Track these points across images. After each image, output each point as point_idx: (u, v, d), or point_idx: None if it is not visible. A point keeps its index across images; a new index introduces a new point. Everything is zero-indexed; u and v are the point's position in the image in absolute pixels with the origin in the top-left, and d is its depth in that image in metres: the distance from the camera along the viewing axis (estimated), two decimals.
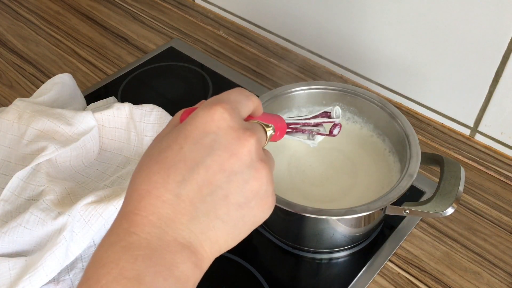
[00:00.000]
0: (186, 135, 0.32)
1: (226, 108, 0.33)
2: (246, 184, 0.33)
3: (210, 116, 0.32)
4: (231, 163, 0.32)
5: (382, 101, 0.69)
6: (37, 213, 0.64)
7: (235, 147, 0.32)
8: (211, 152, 0.31)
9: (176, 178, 0.31)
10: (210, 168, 0.31)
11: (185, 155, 0.31)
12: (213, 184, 0.32)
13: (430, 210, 0.57)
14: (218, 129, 0.32)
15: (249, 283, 0.63)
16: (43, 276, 0.58)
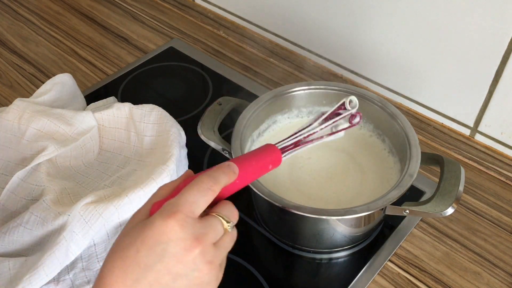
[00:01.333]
0: (143, 240, 0.38)
1: (178, 219, 0.38)
2: (189, 282, 0.38)
3: (163, 228, 0.37)
4: (177, 268, 0.38)
5: (382, 101, 0.69)
6: (37, 213, 0.64)
7: (181, 256, 0.38)
8: (161, 259, 0.37)
9: (132, 276, 0.37)
10: (159, 272, 0.37)
11: (140, 259, 0.37)
12: (161, 284, 0.38)
13: (430, 210, 0.57)
14: (169, 240, 0.37)
15: (249, 283, 0.63)
16: (43, 276, 0.58)
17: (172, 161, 0.68)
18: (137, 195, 0.63)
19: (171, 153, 0.69)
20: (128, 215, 0.63)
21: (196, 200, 0.39)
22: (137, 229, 0.39)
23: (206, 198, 0.40)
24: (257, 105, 0.69)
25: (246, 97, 0.72)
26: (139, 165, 0.72)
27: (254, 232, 0.69)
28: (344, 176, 0.66)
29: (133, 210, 0.63)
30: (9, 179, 0.67)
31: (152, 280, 0.37)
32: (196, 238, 0.38)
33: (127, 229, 0.40)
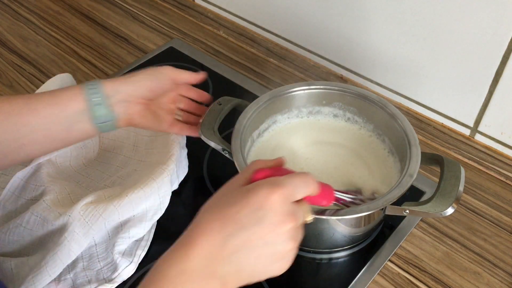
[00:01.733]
0: (247, 202, 0.42)
1: (282, 194, 0.42)
2: (275, 253, 0.43)
3: (268, 197, 0.42)
4: (270, 236, 0.42)
5: (382, 101, 0.68)
6: (37, 213, 0.64)
7: (276, 226, 0.42)
8: (258, 223, 0.42)
9: (228, 231, 0.42)
10: (253, 234, 0.42)
11: (239, 218, 0.42)
12: (251, 245, 0.42)
13: (430, 210, 0.57)
14: (270, 208, 0.42)
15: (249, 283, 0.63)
16: (47, 277, 0.58)
17: (172, 161, 0.68)
18: (137, 195, 0.63)
19: (171, 153, 0.69)
20: (128, 215, 0.64)
21: (299, 186, 0.44)
22: (241, 192, 0.43)
23: (306, 190, 0.45)
24: (257, 105, 0.69)
25: (246, 97, 0.72)
26: (139, 165, 0.72)
27: None
28: (344, 176, 0.66)
29: (133, 210, 0.64)
30: (9, 179, 0.67)
31: (245, 239, 0.42)
32: (291, 215, 0.43)
33: (227, 192, 0.45)
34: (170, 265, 0.42)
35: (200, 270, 0.42)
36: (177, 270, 0.42)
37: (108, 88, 0.61)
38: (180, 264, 0.42)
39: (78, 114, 0.59)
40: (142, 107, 0.63)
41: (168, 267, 0.42)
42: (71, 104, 0.59)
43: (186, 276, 0.42)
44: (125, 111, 0.62)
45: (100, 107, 0.60)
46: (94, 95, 0.60)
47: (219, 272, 0.42)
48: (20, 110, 0.57)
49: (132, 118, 0.63)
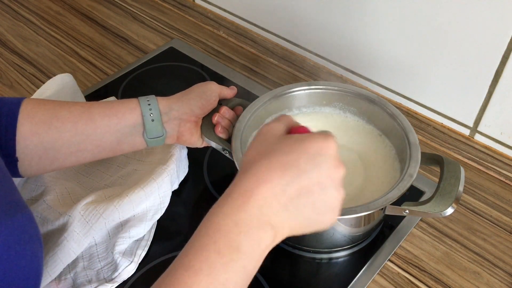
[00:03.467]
0: (305, 149, 0.43)
1: (335, 142, 0.45)
2: (329, 199, 0.44)
3: (326, 143, 0.44)
4: (327, 181, 0.43)
5: (382, 101, 0.69)
6: (38, 213, 0.64)
7: (333, 171, 0.44)
8: (317, 168, 0.43)
9: (288, 178, 0.42)
10: (312, 179, 0.43)
11: (299, 164, 0.43)
12: (310, 191, 0.43)
13: (430, 210, 0.57)
14: (327, 154, 0.44)
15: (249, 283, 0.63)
16: (47, 276, 0.58)
17: (172, 161, 0.68)
18: (137, 195, 0.63)
19: (171, 153, 0.69)
20: (129, 215, 0.64)
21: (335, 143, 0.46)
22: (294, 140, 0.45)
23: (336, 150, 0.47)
24: (257, 105, 0.69)
25: (246, 97, 0.72)
26: (139, 165, 0.72)
27: None
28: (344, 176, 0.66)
29: (134, 210, 0.64)
30: None
31: (303, 185, 0.43)
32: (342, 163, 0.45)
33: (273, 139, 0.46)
34: (226, 216, 0.42)
35: (255, 221, 0.42)
36: (233, 221, 0.42)
37: (163, 105, 0.63)
38: (236, 215, 0.42)
39: (131, 128, 0.62)
40: (192, 125, 0.65)
41: (223, 219, 0.42)
42: (127, 117, 0.61)
43: (241, 227, 0.42)
44: (177, 128, 0.64)
45: (154, 123, 0.62)
46: (150, 111, 0.62)
47: (273, 221, 0.43)
48: (78, 118, 0.59)
49: (182, 135, 0.65)
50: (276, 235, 0.43)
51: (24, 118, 0.57)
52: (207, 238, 0.42)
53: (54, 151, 0.59)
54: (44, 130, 0.58)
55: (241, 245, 0.42)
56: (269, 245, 0.43)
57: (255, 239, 0.42)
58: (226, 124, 0.67)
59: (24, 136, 0.57)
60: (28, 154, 0.57)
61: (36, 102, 0.60)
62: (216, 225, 0.42)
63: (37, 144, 0.57)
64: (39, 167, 0.59)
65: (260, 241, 0.43)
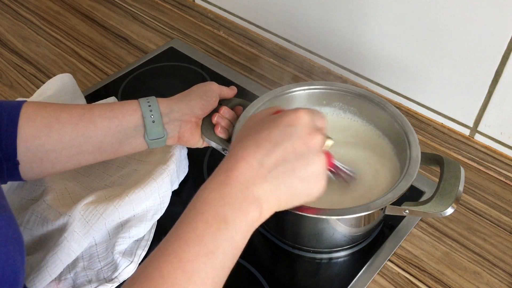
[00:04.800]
0: (276, 124, 0.47)
1: (306, 112, 0.48)
2: (309, 165, 0.47)
3: (295, 115, 0.48)
4: (302, 148, 0.46)
5: (382, 101, 0.69)
6: (38, 213, 0.64)
7: (307, 138, 0.47)
8: (290, 138, 0.46)
9: (262, 151, 0.46)
10: (286, 149, 0.46)
11: (272, 137, 0.46)
12: (286, 160, 0.46)
13: (430, 210, 0.57)
14: (298, 124, 0.47)
15: (249, 283, 0.63)
16: (47, 277, 0.58)
17: (172, 161, 0.68)
18: (137, 195, 0.63)
19: (171, 153, 0.69)
20: (129, 215, 0.64)
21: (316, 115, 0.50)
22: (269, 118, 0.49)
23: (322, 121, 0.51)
24: (257, 105, 0.69)
25: (246, 97, 0.72)
26: (139, 165, 0.72)
27: (254, 232, 0.69)
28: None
29: (134, 210, 0.64)
30: None
31: (279, 155, 0.46)
32: (317, 129, 0.48)
33: (254, 122, 0.50)
34: (211, 191, 0.45)
35: (239, 193, 0.45)
36: (218, 195, 0.45)
37: (164, 106, 0.63)
38: (220, 190, 0.45)
39: (132, 129, 0.62)
40: (192, 126, 0.65)
41: (209, 193, 0.45)
42: (128, 118, 0.61)
43: (226, 199, 0.44)
44: (177, 129, 0.64)
45: (155, 125, 0.62)
46: (150, 113, 0.62)
47: (256, 193, 0.45)
48: (78, 120, 0.59)
49: (183, 136, 0.65)
50: (262, 206, 0.46)
51: (24, 121, 0.57)
52: (194, 212, 0.45)
53: (55, 154, 0.59)
54: (45, 133, 0.58)
55: (227, 215, 0.44)
56: (257, 218, 0.46)
57: (241, 211, 0.45)
58: (226, 124, 0.67)
59: (25, 139, 0.57)
60: (29, 157, 0.57)
61: (36, 105, 0.60)
62: (203, 199, 0.45)
63: (38, 147, 0.58)
64: (41, 170, 0.59)
65: (246, 213, 0.45)
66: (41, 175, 0.61)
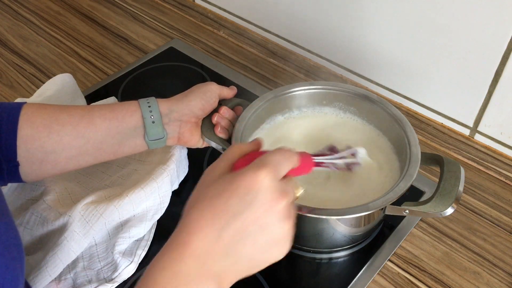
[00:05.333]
0: (234, 189, 0.41)
1: (268, 172, 0.41)
2: (272, 234, 0.41)
3: (255, 178, 0.41)
4: (264, 217, 0.41)
5: (382, 101, 0.69)
6: (38, 213, 0.64)
7: (269, 205, 0.41)
8: (250, 207, 0.40)
9: (220, 223, 0.40)
10: (246, 219, 0.40)
11: (230, 206, 0.40)
12: (246, 232, 0.40)
13: (430, 210, 0.57)
14: (259, 189, 0.40)
15: (249, 283, 0.63)
16: (47, 277, 0.58)
17: (172, 161, 0.68)
18: (137, 195, 0.63)
19: (171, 153, 0.69)
20: (129, 215, 0.64)
21: (281, 162, 0.43)
22: (226, 180, 0.42)
23: (289, 164, 0.44)
24: (257, 105, 0.69)
25: (246, 97, 0.72)
26: (139, 165, 0.72)
27: None
28: (344, 176, 0.66)
29: (134, 210, 0.64)
30: None
31: (239, 227, 0.40)
32: (282, 192, 0.42)
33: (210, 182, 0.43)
34: (162, 269, 0.40)
35: (195, 271, 0.40)
36: (170, 273, 0.40)
37: (163, 107, 0.63)
38: (173, 267, 0.40)
39: (132, 130, 0.62)
40: (192, 126, 0.65)
41: (160, 271, 0.40)
42: (128, 119, 0.61)
43: (180, 279, 0.40)
44: (177, 130, 0.64)
45: (155, 125, 0.62)
46: (150, 113, 0.62)
47: (215, 269, 0.41)
48: (78, 121, 0.59)
49: (183, 136, 0.65)
50: (221, 282, 0.41)
51: (24, 123, 0.57)
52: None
53: (55, 155, 0.59)
54: (45, 134, 0.58)
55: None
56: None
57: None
58: (225, 124, 0.67)
59: (25, 140, 0.57)
60: (29, 158, 0.57)
61: (36, 106, 0.60)
62: (153, 280, 0.40)
63: (38, 148, 0.57)
64: (41, 171, 0.59)
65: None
66: (41, 177, 0.61)
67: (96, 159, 0.62)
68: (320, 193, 0.64)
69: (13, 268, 0.42)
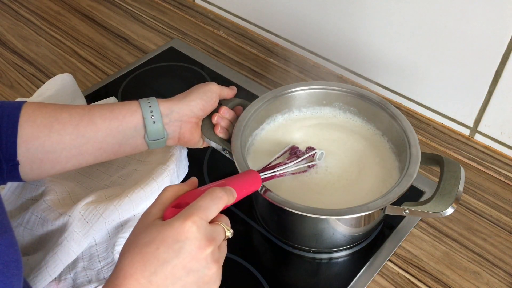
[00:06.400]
0: (162, 239, 0.43)
1: (194, 221, 0.44)
2: (200, 278, 0.44)
3: (181, 229, 0.43)
4: (191, 264, 0.44)
5: (382, 101, 0.69)
6: (38, 213, 0.64)
7: (196, 253, 0.44)
8: (178, 255, 0.43)
9: (151, 269, 0.43)
10: (175, 266, 0.43)
11: (159, 254, 0.43)
12: (176, 277, 0.43)
13: (430, 210, 0.57)
14: (186, 238, 0.43)
15: (249, 283, 0.63)
16: (47, 277, 0.58)
17: (172, 161, 0.68)
18: (137, 195, 0.63)
19: (171, 153, 0.69)
20: (129, 215, 0.64)
21: (209, 207, 0.46)
22: (156, 228, 0.44)
23: (218, 206, 0.47)
24: (257, 105, 0.69)
25: (246, 97, 0.72)
26: (139, 165, 0.72)
27: (254, 232, 0.69)
28: (344, 176, 0.66)
29: (134, 210, 0.64)
30: None
31: (168, 273, 0.43)
32: (208, 239, 0.44)
33: (143, 228, 0.46)
34: None
35: None
36: None
37: (164, 107, 0.63)
38: None
39: (133, 130, 0.62)
40: (193, 126, 0.65)
41: None
42: (128, 119, 0.61)
43: None
44: (178, 130, 0.65)
45: (155, 125, 0.62)
46: (151, 113, 0.62)
47: None
48: (79, 121, 0.59)
49: (183, 136, 0.65)
50: None
51: (25, 122, 0.57)
52: None
53: (55, 155, 0.59)
54: (45, 134, 0.58)
55: None
56: None
57: None
58: (226, 124, 0.67)
59: (25, 139, 0.57)
60: (29, 157, 0.57)
61: (36, 105, 0.59)
62: None
63: (38, 148, 0.57)
64: (41, 171, 0.59)
65: None
66: (41, 176, 0.61)
67: (96, 159, 0.62)
68: (320, 192, 0.65)
69: (11, 285, 0.42)
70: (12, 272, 0.43)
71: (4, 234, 0.45)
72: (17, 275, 0.44)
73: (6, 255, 0.43)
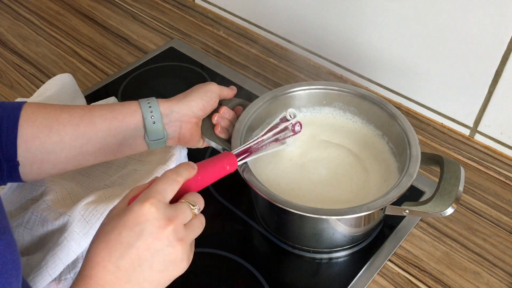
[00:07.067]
0: (124, 224, 0.45)
1: (152, 203, 0.45)
2: (165, 257, 0.45)
3: (140, 211, 0.45)
4: (154, 244, 0.45)
5: (382, 101, 0.69)
6: (38, 213, 0.64)
7: (157, 233, 0.45)
8: (140, 237, 0.44)
9: (116, 254, 0.44)
10: (139, 248, 0.44)
11: (122, 239, 0.44)
12: (142, 259, 0.44)
13: (430, 210, 0.57)
14: (146, 220, 0.44)
15: (249, 283, 0.63)
16: (47, 277, 0.58)
17: (172, 161, 0.68)
18: None
19: (172, 153, 0.69)
20: None
21: (165, 188, 0.47)
22: (117, 216, 0.46)
23: (173, 187, 0.47)
24: (257, 105, 0.69)
25: (246, 97, 0.72)
26: (139, 165, 0.72)
27: (254, 232, 0.69)
28: (344, 176, 0.66)
29: None
30: None
31: (134, 256, 0.44)
32: (168, 218, 0.45)
33: (107, 219, 0.47)
34: None
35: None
36: None
37: (164, 107, 0.63)
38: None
39: (133, 130, 0.62)
40: (193, 126, 0.65)
41: None
42: (128, 119, 0.61)
43: None
44: (178, 130, 0.65)
45: (155, 126, 0.62)
46: (151, 114, 0.62)
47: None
48: (79, 121, 0.59)
49: (183, 136, 0.65)
50: None
51: (25, 122, 0.57)
52: None
53: (55, 155, 0.59)
54: (45, 134, 0.58)
55: None
56: None
57: None
58: (225, 124, 0.67)
59: (25, 140, 0.57)
60: (29, 158, 0.57)
61: (37, 106, 0.59)
62: None
63: (38, 148, 0.58)
64: (41, 171, 0.59)
65: None
66: (41, 176, 0.61)
67: (96, 159, 0.62)
68: (320, 192, 0.65)
69: (9, 286, 0.43)
70: (10, 273, 0.43)
71: (2, 235, 0.45)
72: (15, 276, 0.44)
73: (4, 256, 0.43)
